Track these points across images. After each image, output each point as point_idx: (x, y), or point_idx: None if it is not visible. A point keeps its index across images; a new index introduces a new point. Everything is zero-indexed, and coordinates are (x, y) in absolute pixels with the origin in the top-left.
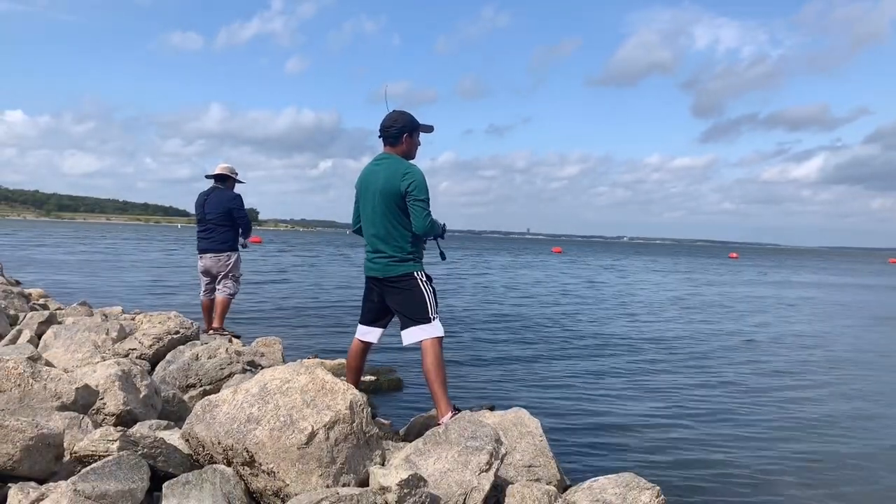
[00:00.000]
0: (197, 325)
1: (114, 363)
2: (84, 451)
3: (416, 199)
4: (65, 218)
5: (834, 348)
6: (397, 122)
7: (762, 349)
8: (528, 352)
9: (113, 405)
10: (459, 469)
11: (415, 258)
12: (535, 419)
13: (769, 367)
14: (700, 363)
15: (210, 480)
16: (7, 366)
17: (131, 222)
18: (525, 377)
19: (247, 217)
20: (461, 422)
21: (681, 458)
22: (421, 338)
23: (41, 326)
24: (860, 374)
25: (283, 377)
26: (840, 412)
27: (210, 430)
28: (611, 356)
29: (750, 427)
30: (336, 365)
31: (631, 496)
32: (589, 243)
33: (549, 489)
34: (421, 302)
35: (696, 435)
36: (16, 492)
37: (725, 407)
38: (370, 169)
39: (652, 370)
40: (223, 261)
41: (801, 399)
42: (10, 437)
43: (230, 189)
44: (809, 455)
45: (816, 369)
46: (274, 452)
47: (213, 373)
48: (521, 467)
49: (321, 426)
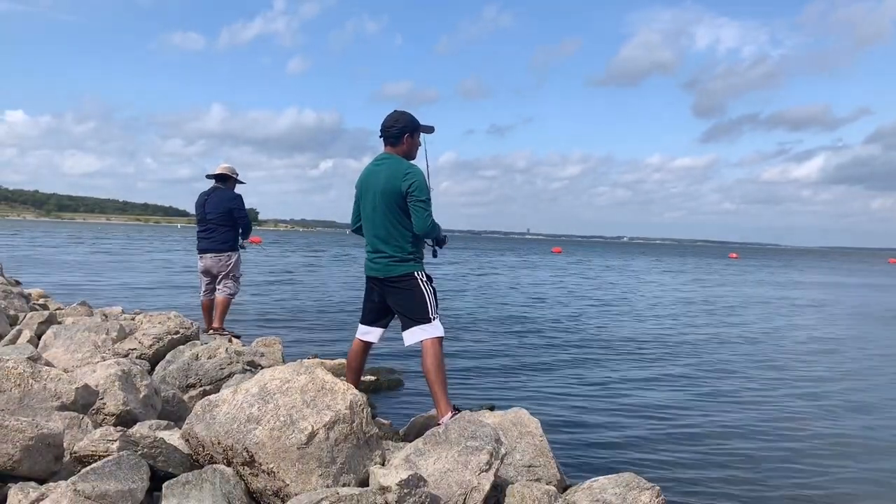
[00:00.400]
0: (197, 326)
1: (114, 363)
2: (84, 451)
3: (416, 200)
4: (65, 218)
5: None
6: (399, 121)
7: (767, 350)
8: (528, 352)
9: (113, 405)
10: (459, 469)
11: (415, 258)
12: (535, 419)
13: (774, 368)
14: (702, 363)
15: (210, 480)
16: (7, 366)
17: (131, 222)
18: (525, 377)
19: (247, 217)
20: (461, 422)
21: (681, 458)
22: (421, 338)
23: (41, 326)
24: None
25: (283, 377)
26: (848, 414)
27: (210, 430)
28: (611, 356)
29: (750, 427)
30: (336, 365)
31: (631, 496)
32: (589, 243)
33: (549, 489)
34: (421, 302)
35: (696, 435)
36: (16, 492)
37: (726, 407)
38: (371, 169)
39: (653, 370)
40: (223, 261)
41: (807, 400)
42: (10, 437)
43: (230, 189)
44: (810, 455)
45: (832, 373)
46: (274, 452)
47: (212, 373)
48: (521, 467)
49: (321, 426)
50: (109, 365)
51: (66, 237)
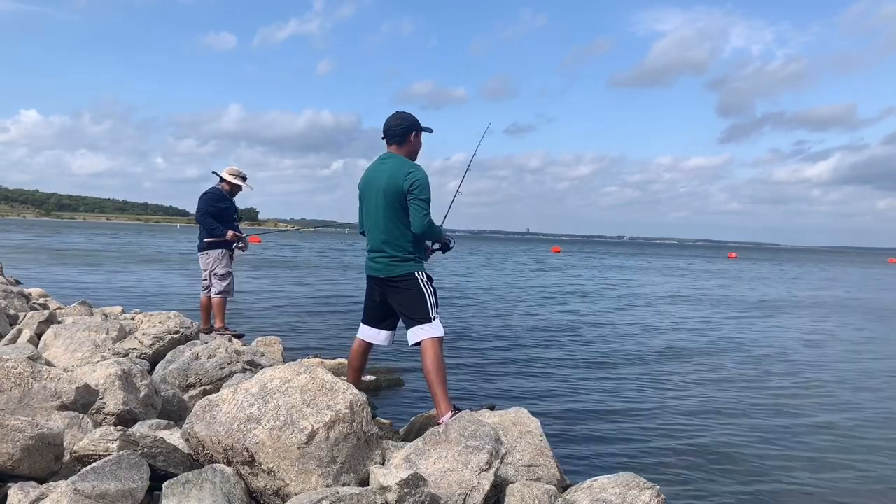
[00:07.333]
0: (197, 325)
1: (114, 363)
2: (84, 451)
3: (416, 199)
4: (65, 218)
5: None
6: (404, 120)
7: (767, 350)
8: (528, 351)
9: (113, 405)
10: (459, 468)
11: (416, 258)
12: (535, 419)
13: (774, 367)
14: (705, 363)
15: (210, 480)
16: (7, 365)
17: (131, 222)
18: (526, 377)
19: (205, 217)
20: (461, 421)
21: (681, 458)
22: (421, 337)
23: (41, 326)
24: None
25: (284, 377)
26: (849, 415)
27: (210, 429)
28: (612, 356)
29: (752, 427)
30: (336, 365)
31: (631, 496)
32: (588, 242)
33: (549, 489)
34: (422, 302)
35: (697, 435)
36: (16, 491)
37: (727, 407)
38: (374, 168)
39: (655, 370)
40: (205, 259)
41: (813, 401)
42: (10, 436)
43: (216, 187)
44: (812, 456)
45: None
46: (274, 452)
47: (213, 372)
48: (521, 467)
49: (321, 426)
50: (109, 364)
51: (65, 237)
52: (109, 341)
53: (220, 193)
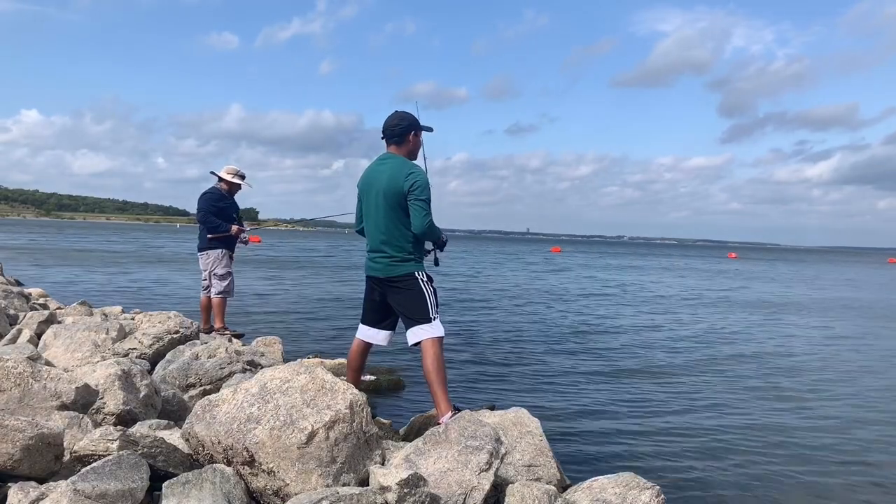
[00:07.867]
0: (197, 325)
1: (114, 363)
2: (84, 451)
3: (416, 199)
4: (65, 217)
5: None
6: (404, 119)
7: (766, 349)
8: (529, 351)
9: (113, 405)
10: (459, 468)
11: (416, 258)
12: (535, 419)
13: (772, 365)
14: (706, 363)
15: (210, 480)
16: (7, 365)
17: (131, 222)
18: (526, 377)
19: (206, 216)
20: (461, 421)
21: (681, 459)
22: (421, 337)
23: (41, 326)
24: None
25: (283, 377)
26: (850, 415)
27: (210, 429)
28: (611, 356)
29: (753, 427)
30: (336, 365)
31: (631, 496)
32: (589, 242)
33: (549, 489)
34: (422, 302)
35: (697, 435)
36: (16, 491)
37: (727, 407)
38: (374, 168)
39: (655, 370)
40: (204, 259)
41: (816, 401)
42: (10, 436)
43: (215, 187)
44: (814, 456)
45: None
46: (274, 452)
47: (212, 372)
48: (521, 467)
49: (321, 426)
50: (109, 364)
51: (65, 237)
52: (109, 341)
53: (219, 193)
